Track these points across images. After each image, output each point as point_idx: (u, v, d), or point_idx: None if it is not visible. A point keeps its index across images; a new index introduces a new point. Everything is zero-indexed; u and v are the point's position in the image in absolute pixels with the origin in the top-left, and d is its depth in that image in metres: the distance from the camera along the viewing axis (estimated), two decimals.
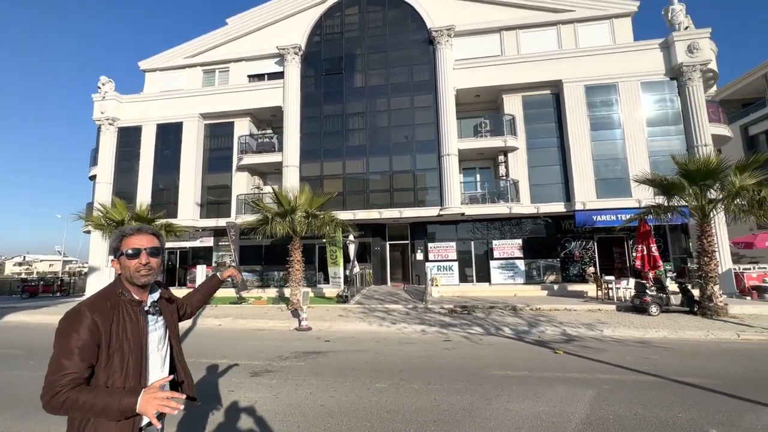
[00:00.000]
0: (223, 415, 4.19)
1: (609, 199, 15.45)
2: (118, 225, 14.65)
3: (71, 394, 1.33)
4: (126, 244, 1.60)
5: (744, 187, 10.09)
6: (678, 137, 15.53)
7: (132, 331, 1.53)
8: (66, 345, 1.40)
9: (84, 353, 1.41)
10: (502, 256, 17.09)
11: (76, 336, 1.41)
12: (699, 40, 15.27)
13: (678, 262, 15.83)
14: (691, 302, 10.80)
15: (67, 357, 1.38)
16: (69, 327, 1.43)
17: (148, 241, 1.63)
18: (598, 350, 7.02)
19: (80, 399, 1.33)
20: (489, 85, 17.19)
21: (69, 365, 1.37)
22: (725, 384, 4.93)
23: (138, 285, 1.61)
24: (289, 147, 17.87)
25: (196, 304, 2.08)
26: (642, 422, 3.82)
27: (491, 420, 3.95)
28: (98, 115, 19.68)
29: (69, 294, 22.66)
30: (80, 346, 1.40)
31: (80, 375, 1.39)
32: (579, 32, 17.25)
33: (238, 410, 4.32)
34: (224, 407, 4.39)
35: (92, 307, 1.48)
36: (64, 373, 1.36)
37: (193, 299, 2.08)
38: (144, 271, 1.59)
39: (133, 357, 1.51)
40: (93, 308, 1.48)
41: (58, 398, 1.33)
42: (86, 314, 1.45)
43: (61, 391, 1.33)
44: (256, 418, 4.10)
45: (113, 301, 1.54)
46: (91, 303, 1.51)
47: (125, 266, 1.60)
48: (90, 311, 1.46)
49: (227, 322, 11.11)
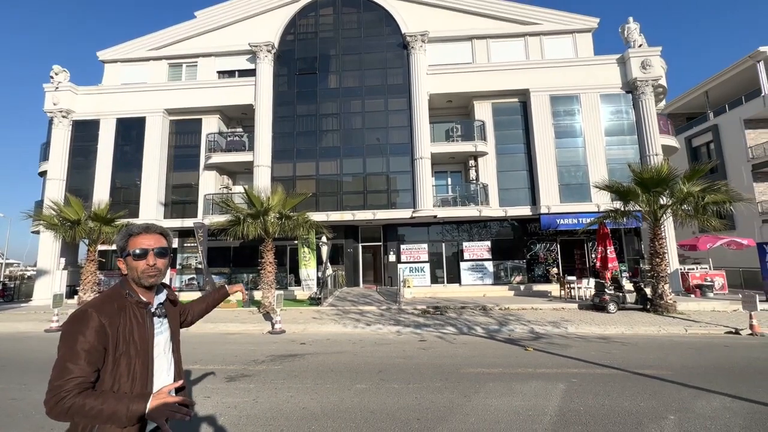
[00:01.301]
0: (202, 422, 4.07)
1: (571, 203, 16.33)
2: (73, 224, 13.73)
3: (77, 399, 1.28)
4: (133, 244, 1.55)
5: (690, 193, 11.04)
6: (632, 147, 16.69)
7: (139, 334, 1.49)
8: (72, 348, 1.34)
9: (91, 356, 1.36)
10: (472, 258, 17.59)
11: (82, 338, 1.36)
12: (651, 58, 16.52)
13: (632, 263, 16.99)
14: (644, 300, 11.65)
15: (73, 360, 1.33)
16: (75, 329, 1.38)
17: (155, 241, 1.58)
18: (565, 346, 7.43)
19: (87, 405, 1.28)
20: (461, 91, 17.69)
21: (75, 369, 1.32)
22: (678, 374, 5.39)
23: (145, 286, 1.57)
24: (260, 146, 17.47)
25: (199, 313, 2.04)
26: (610, 412, 4.10)
27: (472, 415, 4.10)
28: (50, 107, 18.30)
29: (13, 299, 20.81)
30: (87, 349, 1.35)
31: (87, 379, 1.34)
32: (545, 44, 18.15)
33: (217, 417, 4.20)
34: (202, 414, 4.26)
35: (99, 308, 1.43)
36: (70, 377, 1.31)
37: (196, 308, 2.04)
38: (151, 272, 1.55)
39: (140, 361, 1.47)
40: (100, 310, 1.43)
41: (63, 404, 1.27)
42: (93, 316, 1.40)
43: (66, 397, 1.28)
44: (237, 424, 4.01)
45: (120, 302, 1.49)
46: (97, 304, 1.45)
47: (132, 267, 1.55)
48: (97, 313, 1.41)
49: (196, 326, 10.65)
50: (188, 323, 1.99)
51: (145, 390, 1.45)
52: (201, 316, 2.06)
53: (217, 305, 2.17)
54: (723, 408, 4.17)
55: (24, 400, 4.89)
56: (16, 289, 22.56)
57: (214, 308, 2.17)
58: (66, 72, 18.83)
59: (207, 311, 2.09)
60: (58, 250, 17.43)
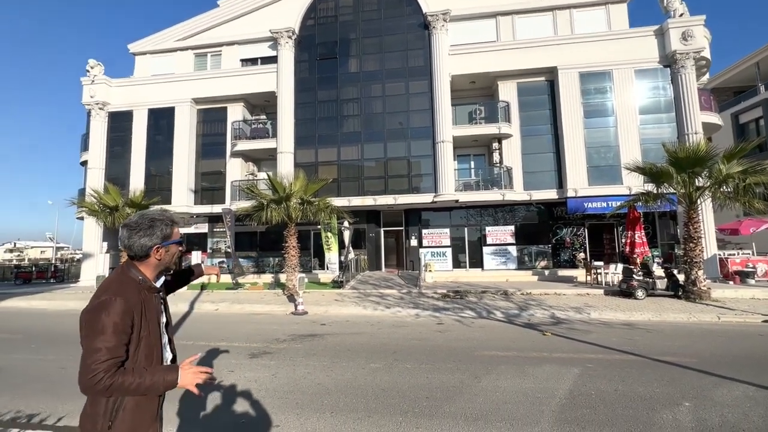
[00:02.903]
0: (225, 392, 4.37)
1: (600, 186, 15.68)
2: (112, 211, 14.63)
3: (116, 378, 1.39)
4: (176, 234, 1.70)
5: (730, 174, 10.33)
6: (669, 125, 15.70)
7: (153, 316, 1.60)
8: (104, 332, 1.43)
9: (122, 339, 1.46)
10: (495, 243, 17.36)
11: (113, 323, 1.44)
12: (693, 28, 15.30)
13: (665, 248, 16.23)
14: (675, 286, 11.16)
15: (106, 341, 1.42)
16: (105, 315, 1.45)
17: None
18: (585, 332, 7.30)
19: (126, 381, 1.41)
20: (484, 71, 17.13)
21: (109, 349, 1.41)
22: (702, 362, 5.21)
23: (168, 270, 1.73)
24: (283, 133, 17.77)
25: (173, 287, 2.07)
26: (621, 397, 4.06)
27: (480, 396, 4.17)
28: (88, 99, 19.32)
29: (63, 280, 22.63)
30: (119, 332, 1.45)
31: (120, 359, 1.44)
32: (575, 18, 17.17)
33: (238, 388, 4.49)
34: (225, 386, 4.57)
35: (124, 293, 1.52)
36: (105, 357, 1.40)
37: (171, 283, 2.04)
38: (178, 256, 1.74)
39: (154, 340, 1.59)
40: (125, 295, 1.51)
41: (102, 382, 1.37)
42: (121, 303, 1.48)
43: (104, 377, 1.38)
44: (256, 395, 4.28)
45: (137, 287, 1.58)
46: (120, 291, 1.52)
47: (172, 253, 1.68)
48: (123, 298, 1.50)
49: (224, 307, 11.27)
50: None
51: (166, 363, 1.62)
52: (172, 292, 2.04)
53: (189, 281, 2.21)
54: (744, 397, 4.02)
55: (71, 368, 5.40)
56: (66, 270, 24.50)
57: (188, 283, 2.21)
58: (101, 65, 19.72)
59: (179, 286, 2.11)
60: (100, 235, 18.67)
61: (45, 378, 5.09)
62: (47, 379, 5.02)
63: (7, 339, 7.58)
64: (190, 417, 3.77)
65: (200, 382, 1.53)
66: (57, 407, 4.01)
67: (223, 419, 3.77)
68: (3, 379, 5.02)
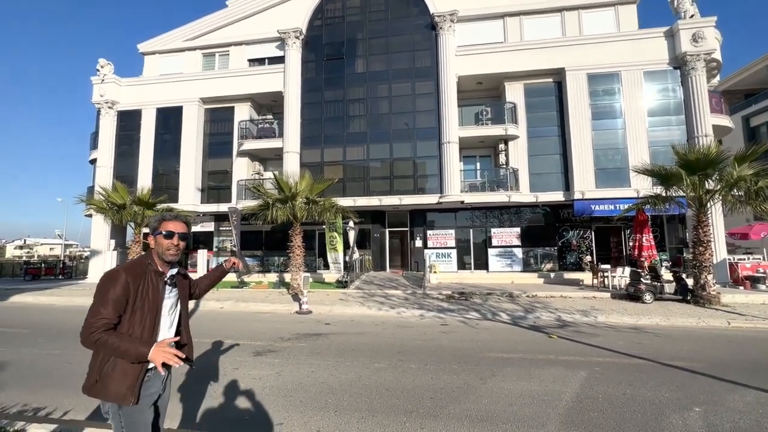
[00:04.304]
0: (229, 389, 4.37)
1: (608, 188, 15.54)
2: (120, 209, 14.75)
3: (103, 335, 1.70)
4: (164, 227, 1.96)
5: (742, 177, 10.16)
6: (679, 127, 15.52)
7: (153, 295, 1.88)
8: (104, 296, 1.76)
9: (117, 305, 1.77)
10: (501, 244, 17.26)
11: (112, 290, 1.76)
12: (704, 29, 15.12)
13: (674, 252, 16.03)
14: (684, 291, 11.00)
15: (104, 306, 1.74)
16: (108, 283, 1.78)
17: (181, 227, 2.00)
18: (592, 335, 7.21)
19: (109, 341, 1.70)
20: (491, 72, 17.07)
21: (104, 312, 1.73)
22: (712, 368, 5.12)
23: (165, 261, 1.97)
24: (289, 133, 17.83)
25: (204, 288, 2.42)
26: (629, 401, 3.99)
27: (485, 397, 4.13)
28: (97, 98, 19.55)
29: (71, 277, 22.87)
30: (114, 298, 1.76)
31: (111, 321, 1.75)
32: (583, 19, 17.05)
33: (242, 385, 4.49)
34: (229, 383, 4.57)
35: (127, 270, 1.84)
36: (100, 317, 1.72)
37: (202, 284, 2.41)
38: (173, 251, 1.96)
39: (150, 316, 1.86)
40: (128, 271, 1.83)
41: (93, 336, 1.69)
42: (122, 274, 1.80)
43: (96, 332, 1.69)
44: (260, 393, 4.28)
45: (143, 269, 1.90)
46: (126, 267, 1.86)
47: (159, 243, 1.95)
48: (125, 273, 1.82)
49: (229, 305, 11.32)
50: (196, 296, 2.36)
51: (151, 339, 1.84)
52: (206, 291, 2.44)
53: (219, 281, 2.59)
54: (757, 403, 3.94)
55: (79, 363, 5.43)
56: (75, 267, 24.75)
57: (217, 283, 2.61)
58: (110, 65, 19.95)
59: (211, 287, 2.49)
60: (108, 233, 18.86)
61: (52, 372, 5.12)
62: (54, 374, 5.06)
63: (15, 334, 7.66)
64: (193, 412, 3.78)
65: (168, 362, 1.71)
66: (63, 401, 4.03)
67: (227, 415, 3.77)
68: (10, 373, 5.07)
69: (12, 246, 72.51)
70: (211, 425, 3.56)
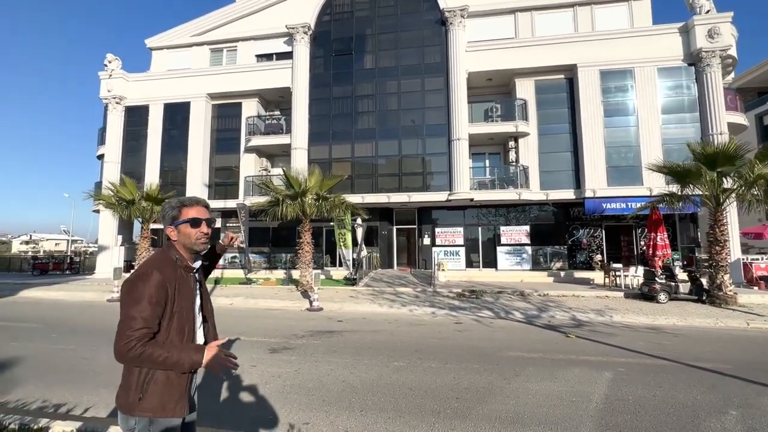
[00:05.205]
0: (249, 388, 4.30)
1: (620, 186, 15.33)
2: (128, 204, 14.73)
3: (147, 348, 1.45)
4: (186, 214, 1.69)
5: (762, 175, 9.96)
6: (693, 125, 15.28)
7: (187, 295, 1.65)
8: (139, 301, 1.49)
9: (156, 310, 1.51)
10: (510, 242, 17.12)
11: (149, 294, 1.50)
12: (720, 25, 14.84)
13: (686, 251, 15.82)
14: (699, 291, 10.83)
15: (141, 312, 1.48)
16: (142, 285, 1.52)
17: (206, 213, 1.74)
18: (609, 335, 7.09)
19: (155, 353, 1.46)
20: (501, 68, 16.87)
21: (142, 320, 1.48)
22: (739, 369, 4.99)
23: (195, 252, 1.72)
24: (297, 129, 17.73)
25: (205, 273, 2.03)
26: (662, 403, 3.88)
27: (512, 398, 4.03)
28: (105, 94, 19.53)
29: (79, 272, 22.95)
30: (153, 303, 1.51)
31: (151, 330, 1.50)
32: (596, 14, 16.80)
33: (263, 383, 4.42)
34: (250, 382, 4.49)
35: (159, 268, 1.58)
36: (139, 327, 1.46)
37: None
38: (203, 240, 1.72)
39: (187, 318, 1.63)
40: (162, 271, 1.57)
41: (134, 351, 1.44)
42: (156, 274, 1.55)
43: (136, 345, 1.44)
44: (281, 391, 4.20)
45: (173, 266, 1.64)
46: (155, 265, 1.60)
47: (186, 234, 1.68)
48: (160, 272, 1.56)
49: (238, 302, 11.28)
50: None
51: (190, 343, 1.62)
52: (208, 275, 2.09)
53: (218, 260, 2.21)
54: None
55: (93, 359, 5.40)
56: (82, 263, 24.85)
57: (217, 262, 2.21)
58: (118, 60, 19.91)
59: (212, 268, 2.14)
60: (116, 228, 18.88)
61: (68, 368, 5.08)
62: (70, 370, 5.01)
63: (27, 328, 7.65)
64: (217, 411, 3.70)
65: (227, 367, 1.58)
66: (82, 398, 3.98)
67: (251, 414, 3.69)
68: (26, 369, 5.03)
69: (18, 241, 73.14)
70: (234, 424, 3.48)
